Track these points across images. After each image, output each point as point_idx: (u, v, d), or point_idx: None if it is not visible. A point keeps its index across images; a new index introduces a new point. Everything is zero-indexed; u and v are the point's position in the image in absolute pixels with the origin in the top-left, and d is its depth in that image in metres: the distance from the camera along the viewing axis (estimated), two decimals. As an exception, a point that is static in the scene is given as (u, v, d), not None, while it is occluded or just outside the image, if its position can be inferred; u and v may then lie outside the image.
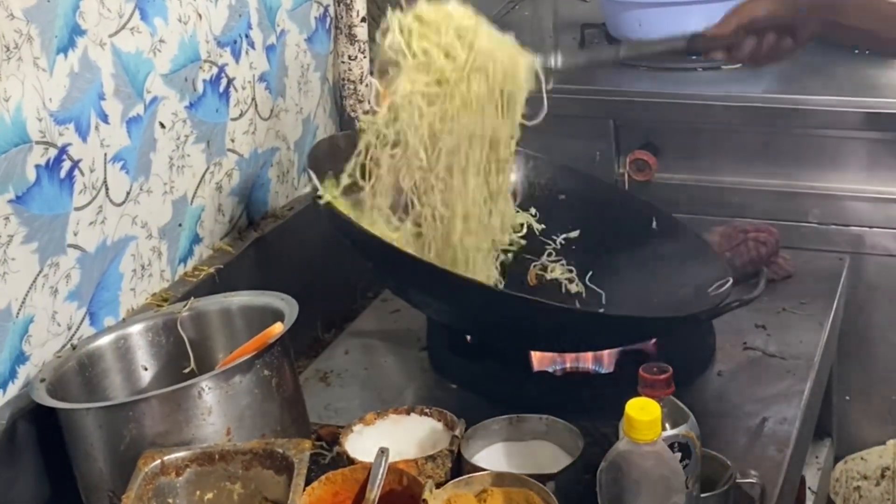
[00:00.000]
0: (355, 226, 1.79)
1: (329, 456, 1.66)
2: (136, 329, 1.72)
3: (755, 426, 1.66)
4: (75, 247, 1.66)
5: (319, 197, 1.74)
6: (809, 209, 2.39)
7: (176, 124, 1.87)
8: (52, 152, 1.60)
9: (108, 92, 1.71)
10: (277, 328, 1.57)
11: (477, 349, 1.87)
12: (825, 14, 1.83)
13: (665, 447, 1.34)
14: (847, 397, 2.46)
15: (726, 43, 1.84)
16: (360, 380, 1.92)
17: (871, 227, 2.36)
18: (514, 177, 2.07)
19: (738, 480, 1.54)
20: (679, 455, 1.42)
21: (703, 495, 1.49)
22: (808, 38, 1.84)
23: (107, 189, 1.72)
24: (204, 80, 1.93)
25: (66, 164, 1.63)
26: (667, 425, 1.41)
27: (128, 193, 1.77)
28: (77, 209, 1.66)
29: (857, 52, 2.48)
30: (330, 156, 1.93)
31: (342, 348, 2.02)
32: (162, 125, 1.84)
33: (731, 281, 1.83)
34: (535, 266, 2.03)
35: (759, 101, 2.35)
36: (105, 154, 1.71)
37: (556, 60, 1.92)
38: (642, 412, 1.30)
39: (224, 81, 1.99)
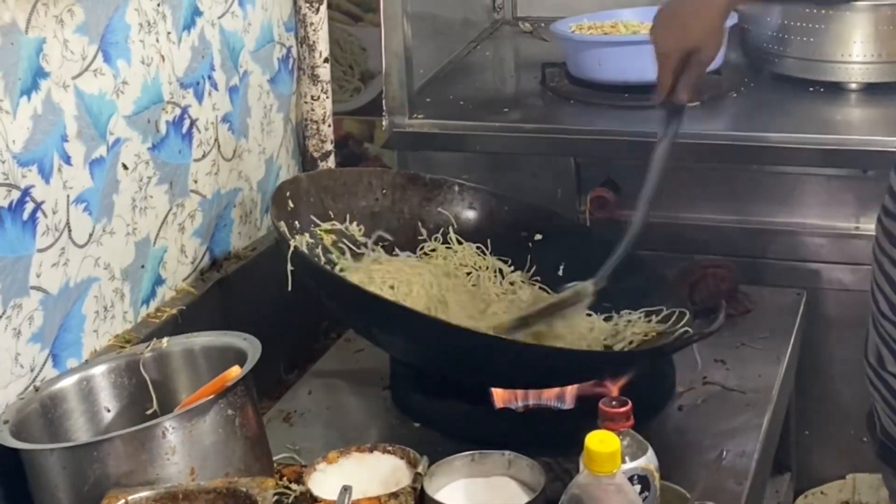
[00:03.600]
0: (320, 268, 1.81)
1: (293, 495, 1.66)
2: (98, 370, 1.72)
3: (714, 459, 1.67)
4: (38, 289, 1.66)
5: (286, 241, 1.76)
6: (767, 245, 2.41)
7: (139, 166, 1.88)
8: (15, 194, 1.61)
9: (72, 134, 1.71)
10: (235, 371, 1.58)
11: (439, 387, 1.88)
12: None
13: (625, 480, 1.35)
14: (807, 431, 2.47)
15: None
16: (324, 420, 1.92)
17: (828, 262, 2.38)
18: (476, 215, 2.10)
19: (697, 513, 1.55)
20: (639, 487, 1.44)
21: (663, 528, 1.50)
22: None
23: (70, 231, 1.72)
24: (167, 122, 1.95)
25: (29, 206, 1.63)
26: (626, 458, 1.43)
27: (90, 235, 1.77)
28: (40, 251, 1.66)
29: (812, 89, 2.51)
30: (293, 196, 1.95)
31: (306, 389, 2.02)
32: (125, 167, 1.84)
33: (687, 316, 1.85)
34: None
35: (717, 138, 2.36)
36: (68, 196, 1.71)
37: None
38: (601, 444, 1.31)
39: (187, 122, 2.00)
